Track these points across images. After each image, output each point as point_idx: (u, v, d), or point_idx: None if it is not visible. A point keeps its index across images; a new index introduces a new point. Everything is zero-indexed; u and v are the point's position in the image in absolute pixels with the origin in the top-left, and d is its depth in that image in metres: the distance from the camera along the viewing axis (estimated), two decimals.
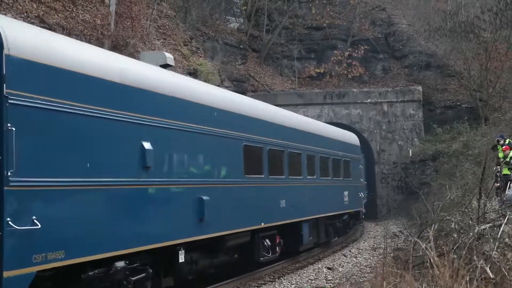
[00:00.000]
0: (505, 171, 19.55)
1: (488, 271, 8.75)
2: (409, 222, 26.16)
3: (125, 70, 10.13)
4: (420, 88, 42.79)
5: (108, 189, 9.32)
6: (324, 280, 16.15)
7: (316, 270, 17.92)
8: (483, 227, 10.56)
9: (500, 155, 20.07)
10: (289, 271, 17.67)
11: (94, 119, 8.99)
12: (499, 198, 17.66)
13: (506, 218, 11.09)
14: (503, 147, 20.10)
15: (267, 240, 16.02)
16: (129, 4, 26.92)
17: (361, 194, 27.78)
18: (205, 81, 23.54)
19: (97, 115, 9.09)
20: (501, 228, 10.41)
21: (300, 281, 16.04)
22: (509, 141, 20.44)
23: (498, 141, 20.67)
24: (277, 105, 23.74)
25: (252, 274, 16.24)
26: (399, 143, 42.27)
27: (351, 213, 26.25)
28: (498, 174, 19.49)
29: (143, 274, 10.37)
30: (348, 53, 45.25)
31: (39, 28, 9.78)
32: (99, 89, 9.23)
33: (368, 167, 41.21)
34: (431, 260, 9.12)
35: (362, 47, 45.40)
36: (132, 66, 10.77)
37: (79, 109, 8.71)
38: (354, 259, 20.58)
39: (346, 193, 24.43)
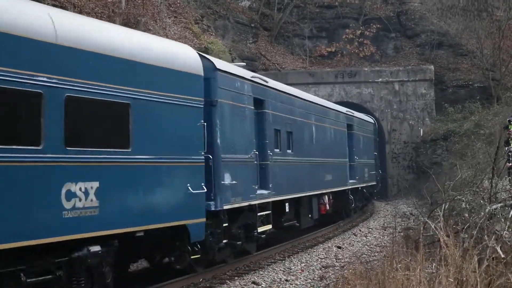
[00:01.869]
0: None
1: (499, 250, 8.73)
2: (420, 201, 26.17)
3: None
4: (432, 67, 42.54)
5: None
6: (334, 259, 16.20)
7: (326, 249, 17.98)
8: (494, 206, 10.52)
9: None
10: (299, 250, 17.72)
11: None
12: (510, 177, 17.61)
13: None
14: None
15: None
16: None
17: (198, 191, 11.83)
18: None
19: None
20: None
21: (310, 259, 16.10)
22: None
23: (509, 121, 20.57)
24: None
25: (262, 253, 16.29)
26: (410, 122, 42.12)
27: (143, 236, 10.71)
28: (510, 153, 19.41)
29: None
30: (359, 32, 44.94)
31: None
32: None
33: (379, 146, 41.07)
34: (442, 239, 9.11)
35: (373, 25, 45.09)
36: None
37: None
38: (364, 238, 20.62)
39: (75, 189, 9.00)
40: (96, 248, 9.53)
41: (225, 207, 13.21)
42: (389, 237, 18.49)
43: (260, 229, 15.19)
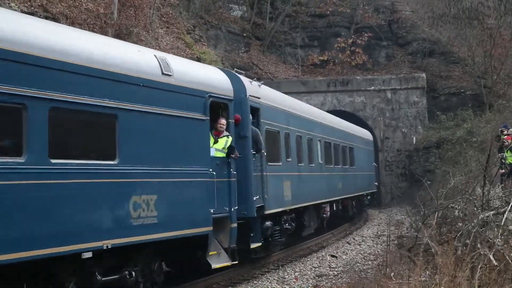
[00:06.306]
0: (511, 159, 19.55)
1: (492, 258, 8.75)
2: (413, 209, 26.17)
3: None
4: (424, 75, 42.69)
5: None
6: (328, 268, 16.19)
7: (320, 258, 17.96)
8: (486, 214, 10.54)
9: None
10: (293, 259, 17.71)
11: None
12: (503, 184, 17.65)
13: (510, 205, 11.07)
14: (505, 136, 20.04)
15: None
16: None
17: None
18: None
19: None
20: (505, 215, 10.39)
21: (304, 268, 16.08)
22: None
23: (501, 131, 20.62)
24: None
25: (256, 263, 16.25)
26: (403, 130, 42.21)
27: None
28: (502, 160, 19.44)
29: None
30: (351, 40, 45.09)
31: None
32: None
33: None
34: (435, 248, 9.13)
35: (365, 34, 45.22)
36: None
37: None
38: (358, 246, 20.62)
39: None
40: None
41: None
42: (382, 246, 18.51)
43: None
